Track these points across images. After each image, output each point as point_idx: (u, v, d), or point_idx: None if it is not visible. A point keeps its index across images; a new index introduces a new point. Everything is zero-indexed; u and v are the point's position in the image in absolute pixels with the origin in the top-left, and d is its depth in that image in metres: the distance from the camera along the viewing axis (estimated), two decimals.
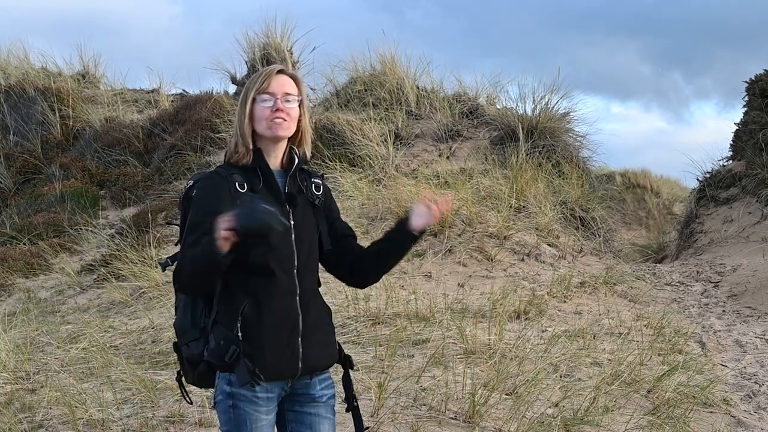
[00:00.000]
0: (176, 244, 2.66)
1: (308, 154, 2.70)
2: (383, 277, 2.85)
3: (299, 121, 2.63)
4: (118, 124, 12.49)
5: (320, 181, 2.72)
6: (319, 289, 2.70)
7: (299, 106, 2.63)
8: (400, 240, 2.67)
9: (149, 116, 12.69)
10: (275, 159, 2.62)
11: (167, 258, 2.66)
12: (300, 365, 2.54)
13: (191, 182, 2.62)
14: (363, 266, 2.71)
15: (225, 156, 2.65)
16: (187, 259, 2.46)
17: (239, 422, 2.51)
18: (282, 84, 2.59)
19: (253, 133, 2.59)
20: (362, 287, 2.92)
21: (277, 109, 2.55)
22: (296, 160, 2.63)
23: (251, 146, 2.58)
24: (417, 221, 2.62)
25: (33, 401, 4.77)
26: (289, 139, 2.64)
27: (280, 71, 2.62)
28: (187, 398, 2.71)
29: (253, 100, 2.57)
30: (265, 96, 2.57)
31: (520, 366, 4.75)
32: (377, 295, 5.93)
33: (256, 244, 2.39)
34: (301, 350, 2.54)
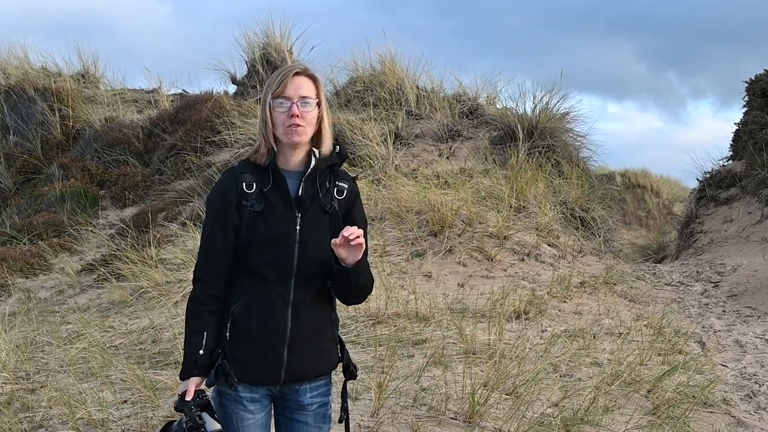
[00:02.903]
0: None
1: (327, 151, 2.60)
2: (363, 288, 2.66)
3: (319, 121, 2.58)
4: (118, 124, 12.49)
5: (346, 185, 2.62)
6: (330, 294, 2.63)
7: (318, 106, 2.57)
8: (336, 275, 2.54)
9: (149, 116, 12.69)
10: (294, 161, 2.57)
11: None
12: (283, 373, 2.51)
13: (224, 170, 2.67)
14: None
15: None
16: (185, 319, 2.59)
17: (226, 420, 2.55)
18: (298, 86, 2.53)
19: (274, 135, 2.56)
20: (345, 303, 2.78)
21: (292, 115, 2.50)
22: (313, 162, 2.57)
23: (274, 148, 2.56)
24: (340, 255, 2.48)
25: (33, 401, 4.77)
26: (311, 139, 2.59)
27: (297, 73, 2.56)
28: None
29: (270, 104, 2.54)
30: (281, 100, 2.52)
31: (520, 366, 4.75)
32: (377, 295, 5.93)
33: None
34: (285, 358, 2.50)
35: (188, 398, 2.45)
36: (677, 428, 4.29)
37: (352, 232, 2.41)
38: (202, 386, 2.52)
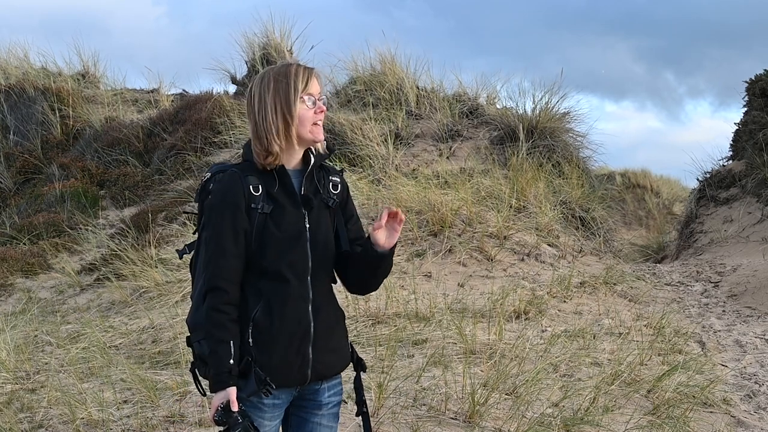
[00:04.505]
0: (194, 233, 2.62)
1: (323, 148, 2.61)
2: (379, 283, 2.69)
3: None
4: (118, 124, 12.49)
5: (338, 179, 2.63)
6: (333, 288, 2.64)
7: None
8: (370, 262, 2.53)
9: (149, 116, 12.69)
10: (296, 159, 2.56)
11: (185, 246, 2.64)
12: (309, 373, 2.51)
13: (208, 174, 2.56)
14: (353, 275, 2.62)
15: (249, 154, 2.54)
16: (205, 330, 2.46)
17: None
18: (317, 84, 2.55)
19: (297, 133, 2.52)
20: (359, 294, 2.79)
21: (321, 111, 2.52)
22: (312, 160, 2.56)
23: (294, 145, 2.52)
24: (379, 240, 2.47)
25: (33, 401, 4.77)
26: None
27: (311, 69, 2.56)
28: (200, 389, 2.62)
29: (300, 100, 2.49)
30: (307, 97, 2.51)
31: (520, 366, 4.75)
32: (377, 295, 5.93)
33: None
34: (311, 357, 2.50)
35: (234, 408, 2.42)
36: (677, 428, 4.29)
37: (395, 210, 2.43)
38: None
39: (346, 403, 3.95)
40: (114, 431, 4.23)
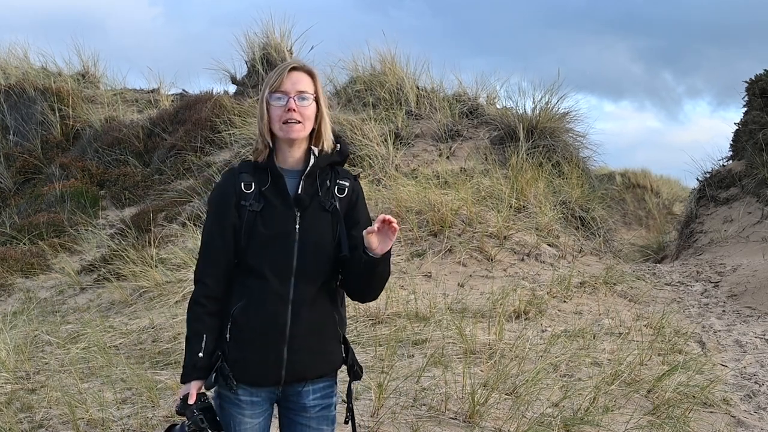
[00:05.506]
0: None
1: (328, 148, 2.59)
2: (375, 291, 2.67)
3: (317, 117, 2.57)
4: (118, 124, 12.49)
5: (347, 183, 2.61)
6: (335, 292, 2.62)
7: (316, 102, 2.57)
8: (363, 267, 2.51)
9: (149, 116, 12.69)
10: (292, 158, 2.56)
11: None
12: (283, 373, 2.50)
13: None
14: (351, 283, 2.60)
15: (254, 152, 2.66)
16: (186, 321, 2.58)
17: (225, 422, 2.54)
18: (295, 81, 2.53)
19: (271, 131, 2.56)
20: (359, 301, 2.79)
21: (289, 109, 2.50)
22: (312, 161, 2.56)
23: (270, 145, 2.55)
24: (371, 244, 2.44)
25: (33, 401, 4.77)
26: (309, 136, 2.58)
27: (294, 68, 2.56)
28: None
29: (267, 99, 2.54)
30: (278, 95, 2.52)
31: (520, 366, 4.75)
32: None
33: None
34: (285, 357, 2.49)
35: (191, 401, 2.46)
36: (677, 428, 4.29)
37: (389, 218, 2.41)
38: (203, 389, 2.53)
39: (345, 403, 3.94)
40: (114, 431, 4.23)
